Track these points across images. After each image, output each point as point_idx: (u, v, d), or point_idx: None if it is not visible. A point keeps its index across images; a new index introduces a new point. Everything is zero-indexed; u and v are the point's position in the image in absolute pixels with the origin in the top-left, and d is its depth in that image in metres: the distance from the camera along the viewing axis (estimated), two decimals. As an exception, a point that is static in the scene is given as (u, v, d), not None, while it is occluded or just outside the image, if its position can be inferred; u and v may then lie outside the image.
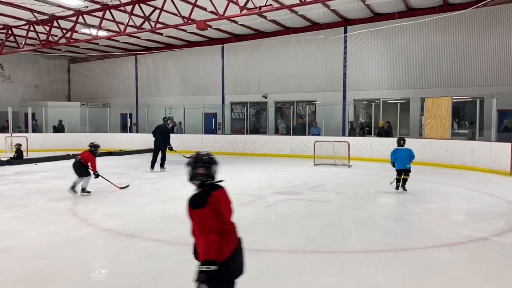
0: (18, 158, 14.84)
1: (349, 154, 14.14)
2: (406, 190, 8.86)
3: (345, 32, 18.57)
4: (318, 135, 18.01)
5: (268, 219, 6.54)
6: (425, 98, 15.29)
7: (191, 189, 7.22)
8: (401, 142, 9.32)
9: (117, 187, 9.32)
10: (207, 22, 14.24)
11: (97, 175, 8.74)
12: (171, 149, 13.33)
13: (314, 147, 14.70)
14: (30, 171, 12.71)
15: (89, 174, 8.68)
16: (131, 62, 24.74)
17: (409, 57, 17.65)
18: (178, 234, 5.65)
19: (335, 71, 19.15)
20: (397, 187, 9.00)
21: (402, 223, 6.39)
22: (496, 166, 12.24)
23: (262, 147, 18.61)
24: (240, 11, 13.51)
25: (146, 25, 15.78)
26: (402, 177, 8.95)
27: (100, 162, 15.58)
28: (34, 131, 20.67)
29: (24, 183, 10.41)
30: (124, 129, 23.09)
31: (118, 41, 21.46)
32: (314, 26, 19.04)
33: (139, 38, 20.90)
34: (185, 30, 19.51)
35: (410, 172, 9.00)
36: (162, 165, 13.05)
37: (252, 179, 11.17)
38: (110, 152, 18.69)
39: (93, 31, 17.02)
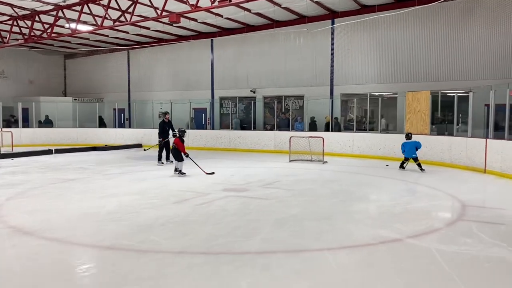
0: (-5, 152, 14.93)
1: (323, 150, 13.79)
2: (424, 169, 11.39)
3: (332, 25, 18.13)
4: (302, 130, 17.67)
5: (187, 218, 6.28)
6: (406, 92, 14.78)
7: (142, 186, 7.01)
8: (408, 135, 11.98)
9: (204, 172, 10.53)
10: (180, 15, 13.98)
11: (187, 155, 10.62)
12: (159, 142, 13.22)
13: (290, 143, 14.39)
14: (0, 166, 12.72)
15: (182, 158, 10.48)
16: (124, 57, 24.71)
17: (397, 51, 17.09)
18: (77, 233, 5.47)
19: (323, 66, 18.72)
20: (401, 166, 11.90)
21: (325, 222, 6.06)
22: (472, 163, 11.74)
23: (246, 143, 18.38)
24: (211, 3, 13.22)
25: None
26: (416, 163, 11.56)
27: (80, 156, 15.75)
28: (9, 126, 20.66)
29: (-21, 178, 10.37)
30: (101, 125, 23.09)
31: (107, 36, 21.41)
32: (301, 19, 18.60)
33: (127, 32, 20.82)
34: (171, 24, 19.28)
35: (417, 158, 11.60)
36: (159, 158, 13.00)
37: (213, 175, 10.91)
38: (94, 147, 18.67)
39: (79, 26, 16.91)
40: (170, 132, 13.27)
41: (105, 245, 4.98)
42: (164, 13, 14.57)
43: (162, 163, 13.01)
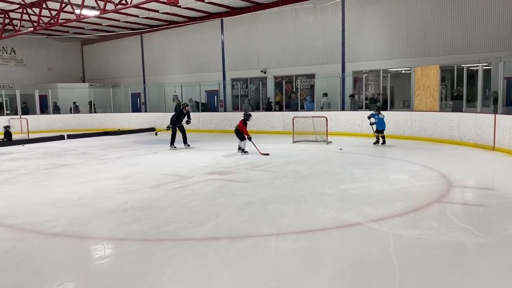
0: (7, 139, 15.29)
1: (327, 130, 13.38)
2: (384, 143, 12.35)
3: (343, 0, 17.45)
4: (313, 110, 17.25)
5: (153, 203, 6.15)
6: (415, 68, 14.08)
7: (130, 170, 6.83)
8: (379, 108, 12.64)
9: (260, 152, 10.80)
10: (177, -5, 13.74)
11: (249, 138, 11.10)
12: (167, 128, 13.29)
13: (293, 124, 14.06)
14: (8, 152, 13.01)
15: (244, 138, 11.11)
16: (138, 42, 24.75)
17: (409, 25, 16.30)
18: (36, 219, 5.44)
19: (334, 43, 18.13)
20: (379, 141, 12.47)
21: (290, 205, 5.80)
22: (481, 140, 11.10)
23: (256, 124, 17.97)
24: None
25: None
26: (381, 135, 12.41)
27: (89, 141, 15.95)
28: (27, 113, 20.98)
29: (-22, 164, 10.62)
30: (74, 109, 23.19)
31: (118, 20, 21.44)
32: (310, -6, 18.00)
33: (137, 16, 20.76)
34: (179, 6, 19.06)
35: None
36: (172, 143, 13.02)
37: (206, 158, 10.78)
38: (106, 132, 18.91)
39: (84, 11, 16.91)
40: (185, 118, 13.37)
41: (54, 231, 4.92)
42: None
43: (175, 147, 12.86)
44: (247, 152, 11.10)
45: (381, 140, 12.41)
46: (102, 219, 5.44)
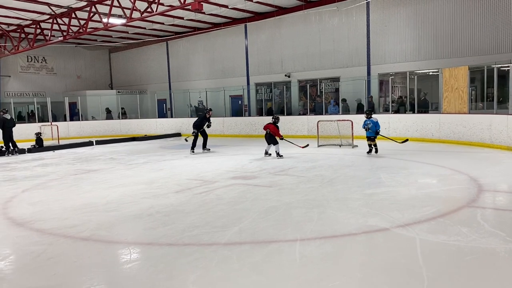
0: (39, 146, 15.73)
1: (352, 134, 13.23)
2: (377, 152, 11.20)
3: (368, 2, 17.26)
4: (337, 113, 17.11)
5: (178, 207, 6.21)
6: (442, 69, 13.78)
7: (156, 175, 7.03)
8: (370, 114, 11.34)
9: (300, 147, 11.98)
10: (201, 2, 13.86)
11: (282, 138, 11.48)
12: (193, 133, 13.58)
13: (318, 128, 13.96)
14: (39, 158, 13.40)
15: (277, 142, 11.19)
16: (163, 49, 25.14)
17: (437, 25, 15.98)
18: (64, 224, 5.56)
19: (358, 45, 17.98)
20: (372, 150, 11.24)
21: (315, 210, 5.74)
22: (513, 143, 10.75)
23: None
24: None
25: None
26: (373, 143, 11.16)
27: (116, 147, 16.27)
28: (54, 120, 21.44)
29: (10, 170, 10.94)
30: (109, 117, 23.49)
31: (144, 28, 21.85)
32: (336, -3, 17.89)
33: (162, 23, 21.11)
34: (204, 13, 19.26)
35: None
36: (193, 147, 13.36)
37: (230, 162, 10.84)
38: (133, 138, 19.23)
39: (111, 20, 17.29)
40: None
41: (82, 236, 5.02)
42: (188, 1, 14.53)
43: (193, 152, 13.10)
44: (282, 156, 11.08)
45: (373, 149, 11.19)
46: (128, 223, 5.52)
